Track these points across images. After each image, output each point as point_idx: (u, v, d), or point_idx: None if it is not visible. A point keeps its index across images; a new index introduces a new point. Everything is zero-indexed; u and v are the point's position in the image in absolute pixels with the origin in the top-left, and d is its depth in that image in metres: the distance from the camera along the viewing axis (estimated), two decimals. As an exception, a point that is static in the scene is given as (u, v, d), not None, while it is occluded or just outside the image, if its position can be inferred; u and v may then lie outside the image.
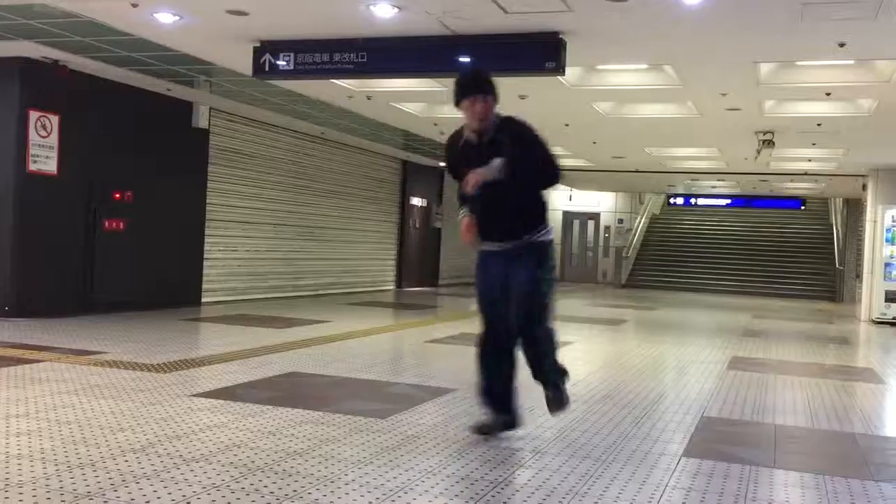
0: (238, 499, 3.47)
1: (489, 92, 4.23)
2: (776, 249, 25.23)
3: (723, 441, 5.07)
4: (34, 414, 4.86)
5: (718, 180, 20.87)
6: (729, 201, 25.50)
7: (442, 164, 19.35)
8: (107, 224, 10.52)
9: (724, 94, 9.78)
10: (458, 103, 4.26)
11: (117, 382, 5.95)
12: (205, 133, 12.30)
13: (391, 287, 18.54)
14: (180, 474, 3.78)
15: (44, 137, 9.64)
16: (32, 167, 9.53)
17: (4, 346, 7.47)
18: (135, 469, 3.83)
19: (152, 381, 6.08)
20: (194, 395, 5.61)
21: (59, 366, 6.55)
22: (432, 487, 3.78)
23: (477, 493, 3.72)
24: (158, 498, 3.43)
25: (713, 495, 3.88)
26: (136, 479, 3.68)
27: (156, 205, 11.30)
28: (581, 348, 9.62)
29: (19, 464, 3.84)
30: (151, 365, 6.77)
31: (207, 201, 12.50)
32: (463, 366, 6.70)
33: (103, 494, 3.45)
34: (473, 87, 4.22)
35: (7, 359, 6.75)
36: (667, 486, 4.00)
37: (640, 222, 26.98)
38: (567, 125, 12.63)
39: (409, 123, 13.35)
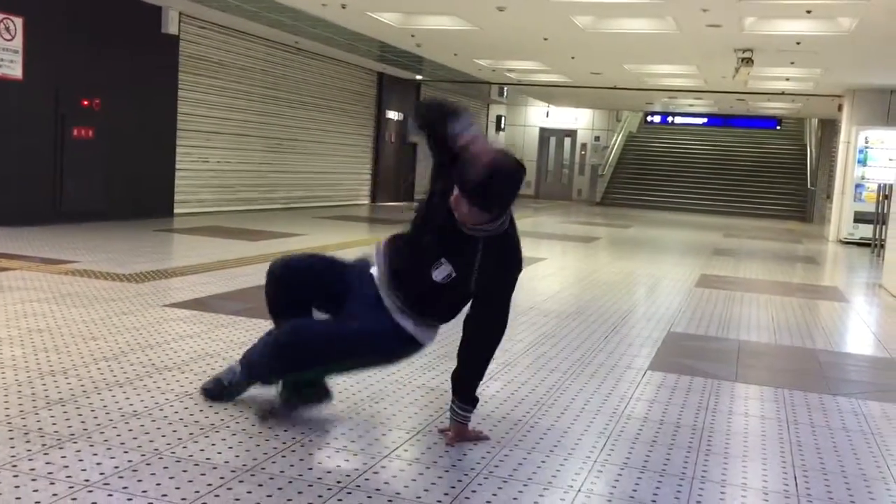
0: (210, 406, 3.52)
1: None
2: (750, 169, 25.39)
3: (688, 355, 5.19)
4: (4, 322, 4.85)
5: (696, 98, 20.79)
6: (706, 120, 25.49)
7: (419, 76, 19.11)
8: (75, 132, 10.31)
9: (705, 10, 9.65)
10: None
11: (89, 291, 5.94)
12: (174, 39, 11.98)
13: (366, 202, 18.47)
14: (153, 382, 3.82)
15: (8, 40, 9.34)
16: (-4, 72, 9.27)
17: (-27, 254, 7.40)
18: (107, 377, 3.86)
19: (124, 290, 6.08)
20: (167, 306, 5.62)
21: (30, 274, 6.51)
22: (403, 398, 3.86)
23: (447, 403, 3.79)
24: (131, 404, 3.47)
25: (675, 407, 3.99)
26: (108, 386, 3.71)
27: (126, 113, 11.06)
28: (553, 264, 9.72)
29: (-9, 370, 3.85)
30: (124, 275, 6.75)
31: (179, 110, 12.26)
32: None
33: (76, 400, 3.48)
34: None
35: (-24, 267, 6.70)
36: (631, 397, 4.11)
37: (616, 140, 26.92)
38: (546, 39, 12.45)
39: (385, 34, 13.07)
